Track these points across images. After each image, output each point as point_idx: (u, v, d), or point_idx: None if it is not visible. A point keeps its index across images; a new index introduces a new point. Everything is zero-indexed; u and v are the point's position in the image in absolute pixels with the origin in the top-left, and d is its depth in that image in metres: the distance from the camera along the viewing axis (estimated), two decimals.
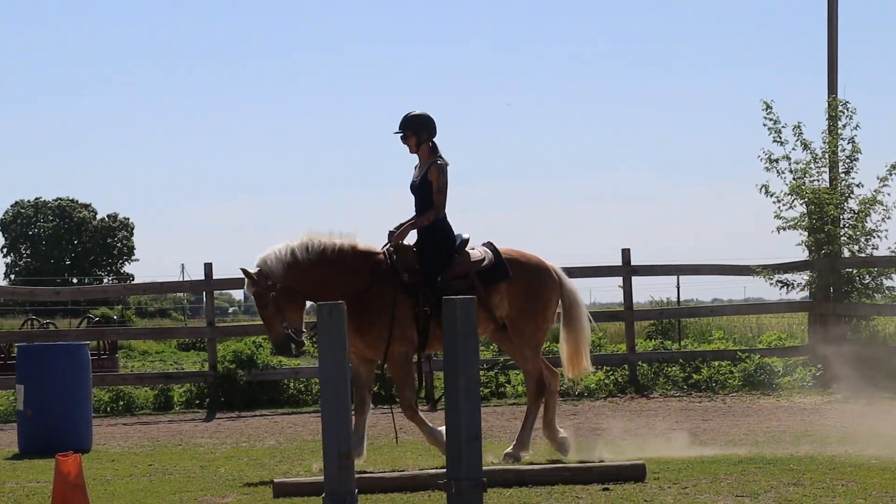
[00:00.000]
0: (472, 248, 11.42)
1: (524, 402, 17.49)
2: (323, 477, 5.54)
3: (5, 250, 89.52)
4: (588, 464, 9.96)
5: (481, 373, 17.34)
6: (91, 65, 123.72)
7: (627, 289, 19.17)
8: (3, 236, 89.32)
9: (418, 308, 11.12)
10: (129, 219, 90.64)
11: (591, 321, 12.10)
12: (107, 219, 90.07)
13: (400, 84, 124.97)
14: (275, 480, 9.54)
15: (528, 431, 11.42)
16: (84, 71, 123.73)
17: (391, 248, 11.26)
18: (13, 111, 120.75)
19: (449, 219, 11.31)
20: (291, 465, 11.46)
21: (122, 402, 17.98)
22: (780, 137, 19.90)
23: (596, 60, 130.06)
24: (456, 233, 11.43)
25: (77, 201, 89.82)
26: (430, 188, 11.23)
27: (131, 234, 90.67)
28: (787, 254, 20.11)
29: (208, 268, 17.96)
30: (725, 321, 25.02)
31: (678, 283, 27.09)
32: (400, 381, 11.46)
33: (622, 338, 20.54)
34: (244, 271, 11.17)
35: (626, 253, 19.07)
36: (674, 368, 18.91)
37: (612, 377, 18.72)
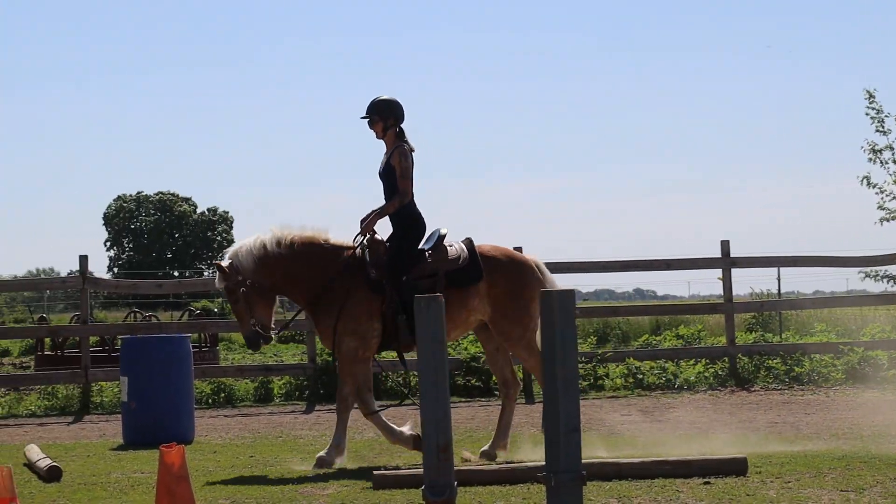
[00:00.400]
0: (451, 245, 11.22)
1: (623, 395, 17.49)
2: (422, 469, 5.56)
3: (108, 244, 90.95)
4: (688, 457, 9.86)
5: (579, 365, 17.29)
6: (191, 60, 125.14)
7: (727, 281, 19.01)
8: (107, 230, 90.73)
9: (385, 305, 11.00)
10: (228, 212, 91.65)
11: None
12: (207, 212, 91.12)
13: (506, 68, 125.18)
14: (374, 473, 9.59)
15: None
16: (184, 67, 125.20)
17: (365, 243, 11.17)
18: (113, 106, 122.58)
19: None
20: (391, 457, 11.50)
21: (222, 394, 18.16)
22: (884, 127, 19.60)
23: (696, 48, 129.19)
24: (434, 229, 11.29)
25: (178, 195, 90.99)
26: (394, 173, 11.11)
27: (231, 228, 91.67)
28: (891, 244, 19.85)
29: None
30: (827, 313, 24.70)
31: (779, 275, 26.82)
32: (343, 376, 11.19)
33: (722, 330, 20.37)
34: (217, 265, 11.21)
35: (725, 245, 18.90)
36: (775, 361, 18.71)
37: (712, 370, 18.58)
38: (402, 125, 11.20)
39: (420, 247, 11.20)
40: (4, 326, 39.48)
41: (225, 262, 11.13)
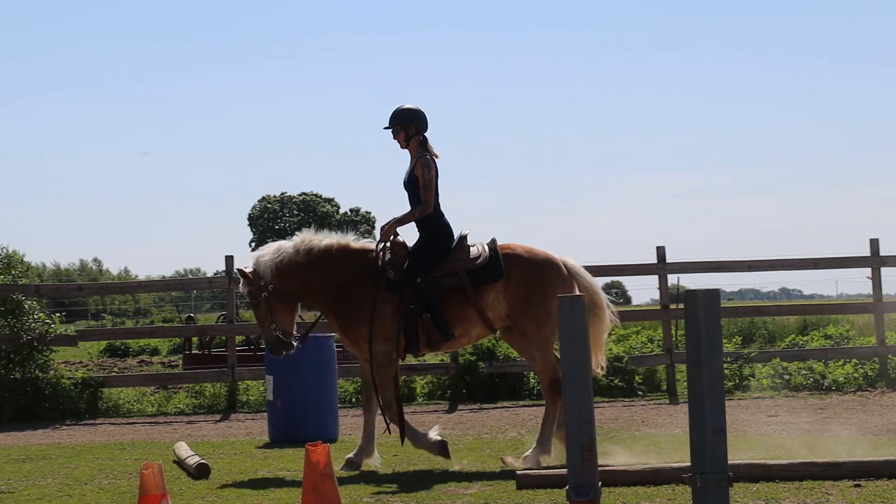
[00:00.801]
0: (472, 245, 11.18)
1: (769, 396, 17.24)
2: (566, 469, 5.55)
3: (253, 245, 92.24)
4: (838, 459, 9.67)
5: (724, 365, 17.10)
6: (331, 61, 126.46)
7: (876, 280, 18.62)
8: (252, 231, 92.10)
9: (404, 307, 10.98)
10: (370, 213, 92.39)
11: (614, 318, 11.53)
12: (349, 213, 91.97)
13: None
14: (518, 472, 9.59)
15: (548, 434, 11.02)
16: (325, 68, 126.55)
17: (386, 246, 11.16)
18: (258, 108, 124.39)
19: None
20: None
21: None
22: None
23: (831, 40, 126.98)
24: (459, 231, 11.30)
25: (321, 196, 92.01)
26: (418, 184, 11.11)
27: (373, 228, 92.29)
28: None
29: None
30: None
31: None
32: (380, 382, 11.20)
33: (871, 330, 19.95)
34: (240, 271, 11.26)
35: (874, 243, 18.52)
36: None
37: (862, 371, 18.21)
38: (425, 133, 11.26)
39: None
40: (153, 326, 40.33)
41: (248, 268, 11.23)
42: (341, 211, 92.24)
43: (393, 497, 9.20)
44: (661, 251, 18.22)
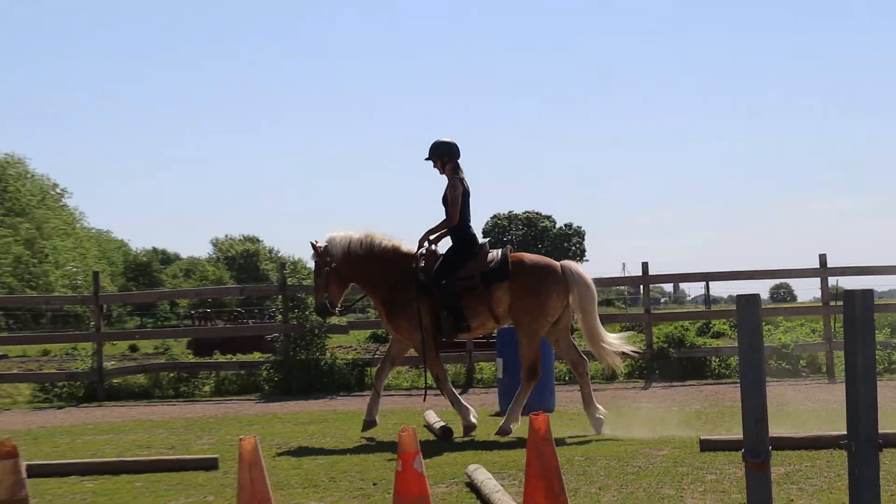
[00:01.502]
0: (489, 252, 11.17)
1: None
2: (742, 436, 5.50)
3: None
4: None
5: (876, 352, 16.50)
6: (578, 84, 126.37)
7: None
8: None
9: (434, 304, 11.01)
10: (581, 227, 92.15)
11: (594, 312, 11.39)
12: (564, 227, 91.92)
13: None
14: (701, 437, 9.48)
15: (518, 407, 11.04)
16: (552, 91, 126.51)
17: (423, 253, 11.18)
18: (491, 133, 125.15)
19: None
20: (714, 426, 11.33)
21: None
22: None
23: None
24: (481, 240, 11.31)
25: (541, 213, 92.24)
26: (447, 202, 11.18)
27: (583, 240, 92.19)
28: None
29: (644, 266, 17.99)
30: None
31: None
32: (426, 361, 11.34)
33: None
34: (313, 245, 11.34)
35: None
36: None
37: None
38: (457, 160, 11.28)
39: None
40: None
41: (321, 243, 11.35)
42: (557, 226, 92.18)
43: (599, 456, 9.20)
44: (822, 258, 17.83)
